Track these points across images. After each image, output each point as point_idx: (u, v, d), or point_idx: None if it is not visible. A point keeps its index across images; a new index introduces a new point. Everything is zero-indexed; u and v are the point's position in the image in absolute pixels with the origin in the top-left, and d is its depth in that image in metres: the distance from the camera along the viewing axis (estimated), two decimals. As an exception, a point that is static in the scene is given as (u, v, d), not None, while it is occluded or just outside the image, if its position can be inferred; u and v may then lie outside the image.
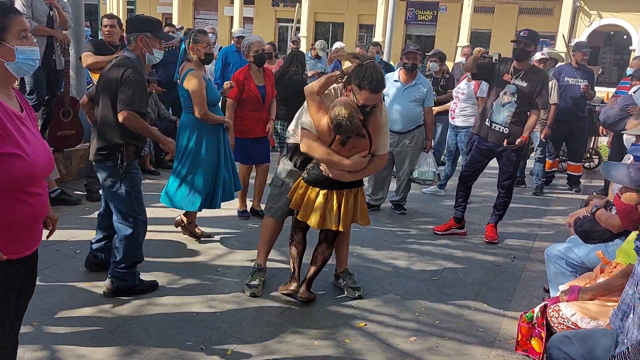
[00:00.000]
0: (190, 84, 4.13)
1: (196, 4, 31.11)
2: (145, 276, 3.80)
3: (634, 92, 6.05)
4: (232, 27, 25.59)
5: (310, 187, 3.45)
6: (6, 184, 1.92)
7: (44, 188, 2.14)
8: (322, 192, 3.41)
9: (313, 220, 3.43)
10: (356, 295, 3.70)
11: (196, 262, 4.15)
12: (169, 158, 3.94)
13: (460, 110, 6.33)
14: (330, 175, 3.36)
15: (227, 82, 4.85)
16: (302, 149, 3.40)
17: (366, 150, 3.36)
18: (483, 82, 5.84)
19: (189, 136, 4.27)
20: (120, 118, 3.23)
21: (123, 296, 3.46)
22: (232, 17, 27.54)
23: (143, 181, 6.06)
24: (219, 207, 4.43)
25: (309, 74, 8.50)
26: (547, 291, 3.65)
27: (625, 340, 2.15)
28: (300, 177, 3.52)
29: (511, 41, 4.94)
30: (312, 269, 3.60)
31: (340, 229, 3.46)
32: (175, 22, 25.26)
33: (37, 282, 3.54)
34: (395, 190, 5.83)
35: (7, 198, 1.94)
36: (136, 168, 3.45)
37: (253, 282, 3.70)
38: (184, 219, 4.55)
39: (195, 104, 4.15)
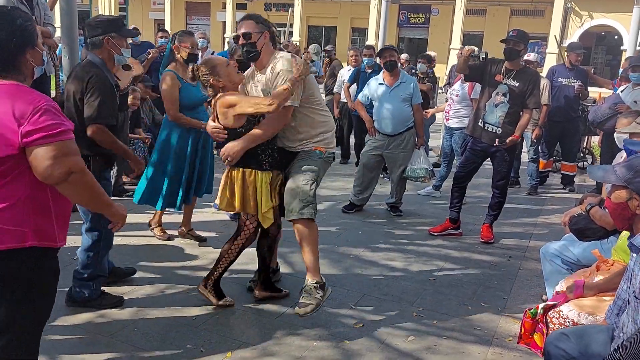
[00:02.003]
0: (163, 83, 4.18)
1: (188, 9, 31.13)
2: (143, 280, 3.82)
3: (622, 91, 6.12)
4: (224, 33, 25.62)
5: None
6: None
7: None
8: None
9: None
10: (296, 311, 3.37)
11: (194, 266, 4.15)
12: (132, 177, 3.92)
13: (455, 112, 6.37)
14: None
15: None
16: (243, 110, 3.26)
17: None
18: (477, 83, 5.89)
19: (161, 135, 4.33)
20: (89, 132, 3.11)
21: (81, 307, 3.37)
22: (224, 23, 27.58)
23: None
24: (177, 209, 4.45)
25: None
26: (545, 301, 3.67)
27: (621, 335, 2.17)
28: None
29: (500, 41, 4.98)
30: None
31: (220, 206, 3.44)
32: (167, 27, 25.29)
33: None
34: (390, 193, 5.85)
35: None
36: (106, 179, 3.34)
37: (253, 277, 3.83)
38: (155, 219, 4.63)
39: (165, 104, 4.18)
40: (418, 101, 5.66)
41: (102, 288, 3.49)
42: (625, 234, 2.62)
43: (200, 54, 8.50)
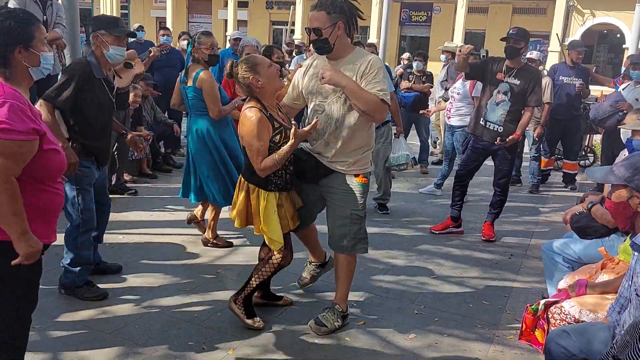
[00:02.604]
0: (203, 82, 4.13)
1: (190, 7, 31.11)
2: (144, 278, 3.83)
3: (624, 89, 6.11)
4: (226, 31, 25.60)
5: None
6: (46, 175, 2.12)
7: (61, 186, 2.33)
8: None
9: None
10: (308, 324, 3.29)
11: (196, 264, 4.16)
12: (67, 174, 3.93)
13: (456, 110, 6.36)
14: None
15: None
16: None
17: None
18: (478, 81, 5.88)
19: (200, 138, 4.25)
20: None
21: (80, 302, 3.43)
22: (226, 21, 27.57)
23: (142, 185, 6.11)
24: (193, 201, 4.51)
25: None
26: (546, 298, 3.67)
27: (623, 332, 2.18)
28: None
29: (501, 39, 4.98)
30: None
31: (235, 222, 3.25)
32: (169, 25, 25.27)
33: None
34: (377, 189, 5.81)
35: (44, 187, 2.12)
36: (84, 166, 3.36)
37: (300, 277, 3.82)
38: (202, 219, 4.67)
39: (209, 103, 4.14)
40: (391, 89, 5.60)
41: (102, 285, 3.51)
42: None
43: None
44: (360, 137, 3.16)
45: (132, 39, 4.55)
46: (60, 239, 4.26)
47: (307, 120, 3.29)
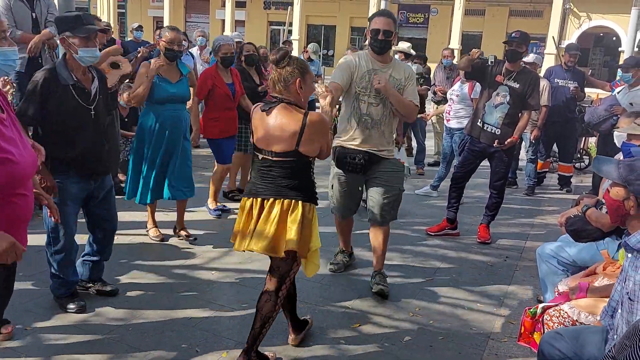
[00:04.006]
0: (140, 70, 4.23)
1: (187, 7, 31.08)
2: (138, 279, 3.81)
3: (618, 93, 6.12)
4: (223, 31, 25.58)
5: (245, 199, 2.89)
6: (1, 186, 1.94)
7: (30, 189, 2.16)
8: (248, 201, 2.84)
9: (234, 239, 2.92)
10: (377, 289, 3.79)
11: (191, 265, 4.15)
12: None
13: (455, 112, 6.36)
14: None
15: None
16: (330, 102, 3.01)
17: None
18: (477, 83, 5.89)
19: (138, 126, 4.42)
20: None
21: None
22: (223, 21, 27.55)
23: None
24: (138, 201, 4.45)
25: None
26: (540, 301, 3.67)
27: (615, 337, 2.18)
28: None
29: (503, 42, 4.99)
30: (250, 333, 2.86)
31: (252, 247, 2.77)
32: (166, 25, 25.22)
33: (31, 287, 3.57)
34: None
35: (3, 199, 1.96)
36: (60, 182, 3.12)
37: (335, 261, 4.22)
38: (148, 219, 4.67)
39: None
40: None
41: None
42: None
43: (199, 52, 8.52)
44: (395, 129, 4.00)
45: (129, 38, 4.55)
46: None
47: (351, 109, 3.83)
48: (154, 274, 3.91)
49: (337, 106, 4.40)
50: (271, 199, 2.76)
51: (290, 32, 23.54)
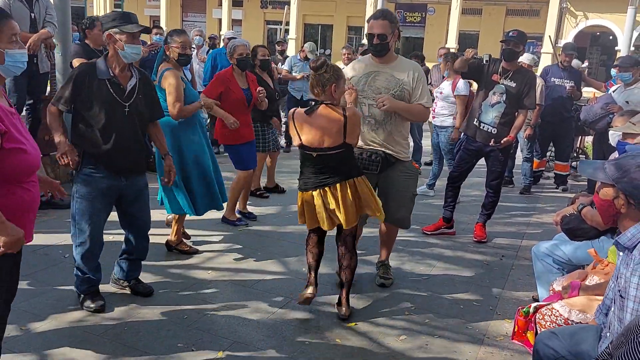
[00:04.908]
0: (166, 81, 3.98)
1: (184, 6, 31.03)
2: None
3: (614, 91, 6.14)
4: (220, 30, 25.56)
5: (304, 193, 3.41)
6: (12, 174, 2.09)
7: (37, 178, 2.30)
8: (314, 192, 3.35)
9: (320, 223, 3.39)
10: (379, 282, 3.95)
11: (187, 264, 4.14)
12: (70, 170, 3.75)
13: (440, 109, 6.36)
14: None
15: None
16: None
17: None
18: (460, 80, 5.93)
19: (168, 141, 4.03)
20: None
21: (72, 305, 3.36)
22: (220, 20, 27.53)
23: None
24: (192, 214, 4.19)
25: (298, 76, 8.53)
26: (536, 300, 3.68)
27: (608, 334, 2.19)
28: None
29: (500, 41, 4.97)
30: (344, 288, 3.49)
31: (344, 225, 3.36)
32: (163, 24, 25.18)
33: (27, 286, 3.56)
34: None
35: (13, 187, 2.11)
36: (85, 174, 3.19)
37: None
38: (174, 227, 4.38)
39: (171, 101, 3.94)
40: None
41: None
42: None
43: (196, 51, 8.51)
44: (406, 127, 3.94)
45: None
46: (46, 238, 4.25)
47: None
48: (150, 273, 3.90)
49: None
50: (338, 185, 3.29)
51: (287, 31, 23.55)
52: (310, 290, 3.47)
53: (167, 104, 3.97)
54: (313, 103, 3.33)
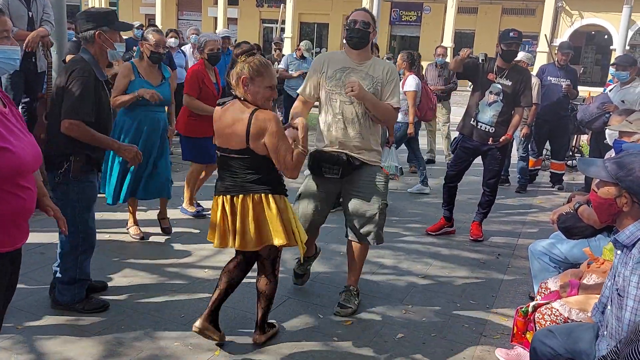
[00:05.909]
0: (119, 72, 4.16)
1: (180, 4, 30.94)
2: (130, 277, 3.79)
3: (610, 91, 6.16)
4: (216, 28, 25.49)
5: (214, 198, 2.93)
6: None
7: (33, 183, 2.15)
8: (219, 199, 2.88)
9: (212, 237, 2.96)
10: (335, 311, 3.48)
11: (183, 263, 4.13)
12: (130, 166, 3.79)
13: None
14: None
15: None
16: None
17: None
18: (410, 76, 6.15)
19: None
20: (62, 128, 2.95)
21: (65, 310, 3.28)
22: (216, 18, 27.46)
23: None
24: (111, 203, 4.32)
25: (295, 74, 8.53)
26: (532, 298, 3.68)
27: (605, 332, 2.19)
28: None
29: (502, 43, 4.81)
30: (259, 312, 3.07)
31: (235, 246, 2.87)
32: (158, 23, 25.12)
33: (23, 286, 3.53)
34: None
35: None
36: (89, 180, 3.15)
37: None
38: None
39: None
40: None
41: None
42: None
43: (192, 49, 8.48)
44: (377, 132, 3.59)
45: (129, 37, 4.52)
46: (41, 237, 4.22)
47: (325, 110, 3.50)
48: (146, 272, 3.89)
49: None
50: (240, 196, 2.81)
51: (283, 29, 23.51)
52: (197, 323, 2.94)
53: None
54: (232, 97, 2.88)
